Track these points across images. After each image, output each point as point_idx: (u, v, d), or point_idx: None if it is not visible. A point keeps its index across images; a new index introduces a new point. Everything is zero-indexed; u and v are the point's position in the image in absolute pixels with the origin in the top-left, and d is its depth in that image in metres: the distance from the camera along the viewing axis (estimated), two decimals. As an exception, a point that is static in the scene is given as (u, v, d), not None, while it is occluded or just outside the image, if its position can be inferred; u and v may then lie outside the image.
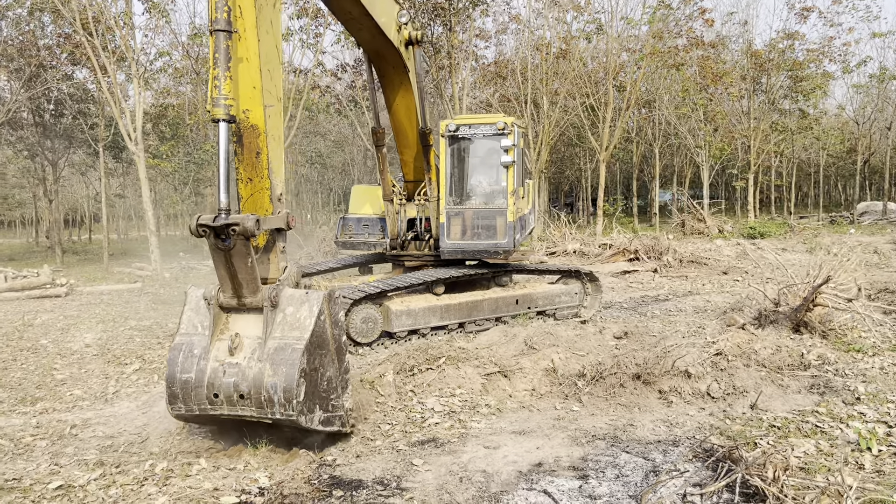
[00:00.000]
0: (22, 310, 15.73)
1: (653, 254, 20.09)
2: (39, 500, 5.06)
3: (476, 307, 11.29)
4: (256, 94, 6.08)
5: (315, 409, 5.85)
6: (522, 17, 29.71)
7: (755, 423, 6.57)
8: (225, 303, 5.97)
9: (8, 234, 73.15)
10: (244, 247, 5.62)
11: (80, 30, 19.82)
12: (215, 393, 5.72)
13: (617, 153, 44.59)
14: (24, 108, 28.78)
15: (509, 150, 10.97)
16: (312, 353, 5.80)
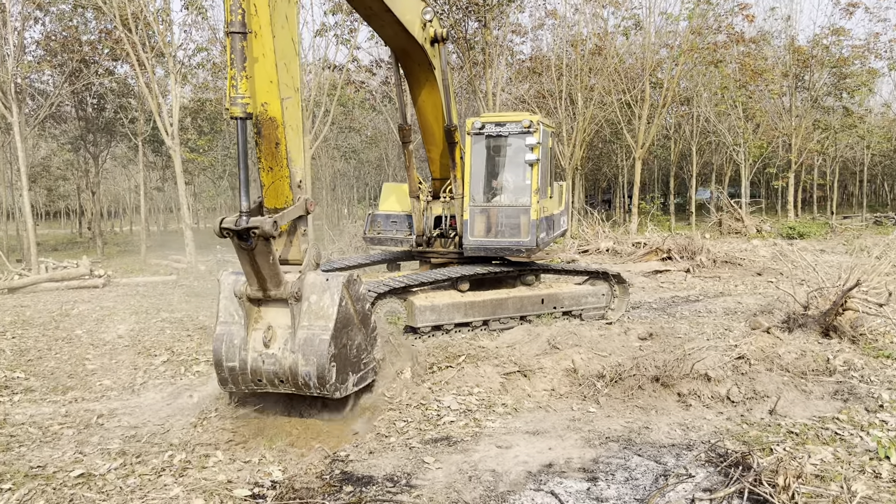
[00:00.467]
0: (61, 300, 16.18)
1: (686, 253, 19.86)
2: (60, 488, 5.22)
3: (500, 305, 11.30)
4: (273, 88, 6.24)
5: (349, 377, 6.52)
6: (559, 12, 29.50)
7: (773, 429, 6.48)
8: (253, 295, 6.42)
9: (53, 224, 75.09)
10: (265, 246, 6.05)
11: (119, 26, 20.24)
12: (259, 378, 6.41)
13: (655, 150, 44.09)
14: (67, 103, 29.53)
15: (534, 149, 10.95)
16: (339, 336, 6.33)
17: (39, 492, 5.12)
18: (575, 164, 29.12)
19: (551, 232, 12.32)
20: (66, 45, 25.35)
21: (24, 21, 23.15)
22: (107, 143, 34.06)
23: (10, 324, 13.00)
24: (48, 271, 19.20)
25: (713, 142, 39.67)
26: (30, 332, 12.18)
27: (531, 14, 37.45)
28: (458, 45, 25.98)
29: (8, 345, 11.08)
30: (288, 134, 6.41)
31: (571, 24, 29.08)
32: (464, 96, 30.24)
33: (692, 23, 27.71)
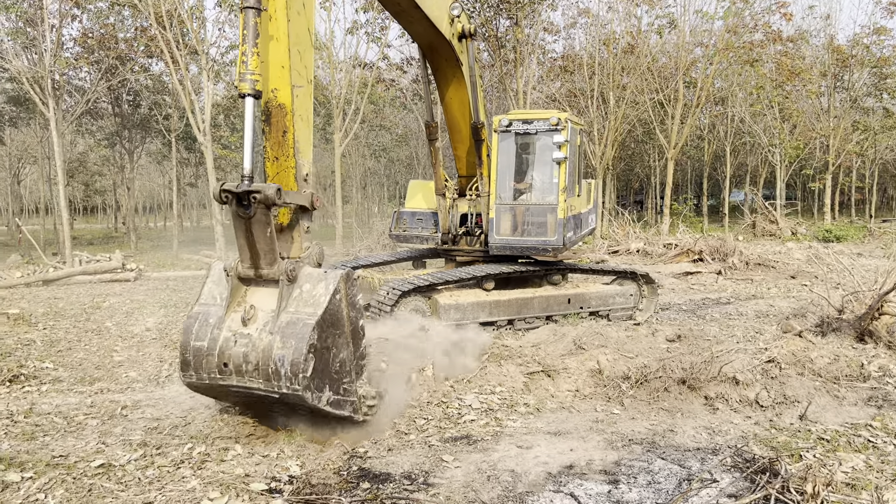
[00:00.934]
0: (93, 293, 16.43)
1: (718, 255, 19.54)
2: (80, 478, 5.25)
3: (526, 305, 11.19)
4: (285, 73, 6.15)
5: (324, 389, 5.73)
6: (592, 10, 29.22)
7: (803, 435, 6.30)
8: (243, 273, 5.94)
9: (91, 219, 76.56)
10: (264, 216, 5.62)
11: (154, 23, 20.50)
12: (225, 362, 5.67)
13: (688, 151, 43.50)
14: (103, 99, 30.01)
15: (562, 146, 10.82)
16: (324, 331, 5.70)
17: (60, 481, 5.15)
18: (606, 164, 28.82)
19: (579, 231, 12.17)
20: (103, 42, 25.76)
21: (61, 18, 23.56)
22: (141, 140, 34.57)
23: (42, 315, 13.22)
24: (82, 265, 19.52)
25: (748, 142, 39.02)
26: (61, 324, 12.37)
27: (564, 13, 37.13)
28: (488, 43, 25.87)
29: (39, 336, 11.26)
30: (297, 123, 6.27)
31: (605, 22, 28.80)
32: (494, 95, 30.12)
33: (728, 21, 27.25)
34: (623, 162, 47.67)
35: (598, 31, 28.64)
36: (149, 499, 4.89)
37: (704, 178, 38.86)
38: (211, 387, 5.87)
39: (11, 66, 20.84)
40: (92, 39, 25.89)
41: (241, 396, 5.98)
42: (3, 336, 11.08)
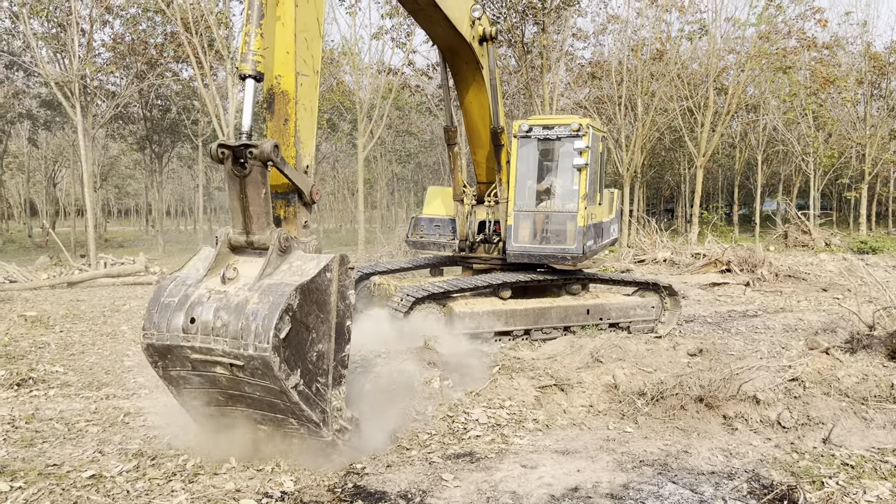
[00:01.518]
0: (114, 295, 16.49)
1: (746, 266, 19.04)
2: (69, 489, 5.12)
3: (543, 315, 10.92)
4: (289, 59, 5.98)
5: (295, 370, 5.16)
6: (622, 16, 28.83)
7: (825, 460, 5.96)
8: (234, 240, 5.64)
9: (124, 222, 77.81)
10: (260, 175, 5.39)
11: (181, 29, 20.63)
12: (193, 317, 5.18)
13: (719, 159, 42.79)
14: (134, 104, 30.35)
15: (583, 153, 10.56)
16: (306, 303, 5.25)
17: (47, 492, 5.03)
18: (633, 171, 28.38)
19: (600, 240, 11.87)
20: (134, 47, 26.03)
21: (92, 24, 23.85)
22: (171, 144, 34.91)
23: (61, 317, 13.25)
24: (106, 267, 19.66)
25: (781, 151, 38.23)
26: (78, 327, 12.38)
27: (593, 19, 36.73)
28: (514, 49, 25.63)
29: (55, 338, 11.26)
30: (300, 112, 6.09)
31: (635, 28, 28.39)
32: (521, 101, 29.85)
33: (760, 27, 26.68)
34: (653, 169, 47.05)
35: (627, 37, 28.27)
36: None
37: (736, 186, 38.13)
38: (171, 349, 5.26)
39: (42, 70, 21.09)
40: (122, 45, 26.19)
41: (202, 371, 5.33)
42: (19, 338, 11.10)
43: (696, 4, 29.03)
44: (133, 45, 25.81)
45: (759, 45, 26.69)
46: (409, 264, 13.04)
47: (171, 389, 5.65)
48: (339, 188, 45.85)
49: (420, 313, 10.08)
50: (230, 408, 5.61)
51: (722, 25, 28.09)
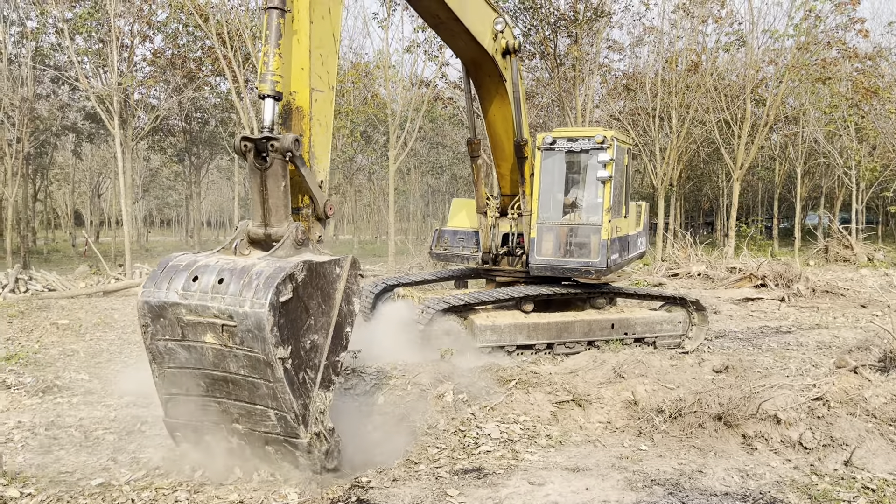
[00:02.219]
0: (147, 304, 16.75)
1: (781, 281, 18.59)
2: (77, 497, 5.19)
3: (566, 328, 10.80)
4: (304, 75, 6.09)
5: (285, 345, 5.02)
6: (658, 27, 28.54)
7: (846, 483, 5.76)
8: (252, 232, 5.75)
9: (166, 232, 79.17)
10: (280, 168, 5.58)
11: (216, 43, 21.01)
12: (196, 276, 5.15)
13: (758, 172, 42.03)
14: (174, 116, 30.97)
15: (607, 165, 10.45)
16: (311, 285, 5.26)
17: (54, 499, 5.10)
18: (668, 184, 28.00)
19: (626, 254, 11.71)
20: (173, 62, 26.60)
21: (132, 39, 24.44)
22: (209, 156, 35.52)
23: (93, 325, 13.50)
24: (140, 276, 20.00)
25: (822, 163, 37.38)
26: (108, 335, 12.60)
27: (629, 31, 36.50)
28: (547, 60, 25.54)
29: (84, 346, 11.47)
30: (314, 128, 6.22)
31: (671, 39, 28.06)
32: (555, 113, 29.72)
33: (798, 39, 26.18)
34: (691, 182, 46.40)
35: (662, 48, 27.96)
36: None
37: (775, 200, 37.36)
38: (166, 308, 5.14)
39: (82, 84, 21.65)
40: (162, 59, 26.77)
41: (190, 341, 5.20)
42: (50, 346, 11.34)
43: (733, 15, 28.54)
44: (172, 60, 26.37)
45: (798, 56, 26.19)
46: (433, 276, 13.02)
47: (153, 368, 5.49)
48: (375, 199, 46.11)
49: (441, 326, 10.05)
50: (209, 399, 5.42)
51: (759, 37, 27.64)
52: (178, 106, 27.87)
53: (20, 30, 24.98)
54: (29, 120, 25.66)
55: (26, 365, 9.92)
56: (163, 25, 26.73)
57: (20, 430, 7.14)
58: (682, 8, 27.31)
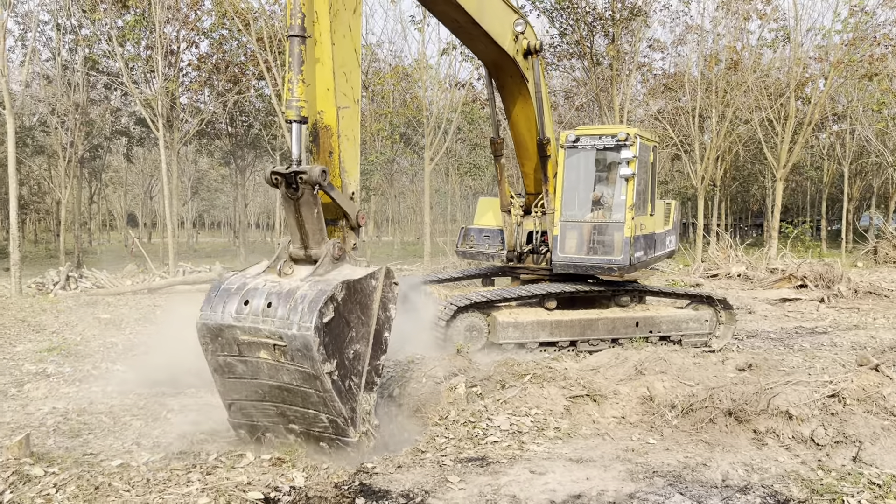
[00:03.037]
0: (188, 301, 17.26)
1: (821, 282, 18.22)
2: (96, 476, 5.46)
3: (590, 326, 10.82)
4: (330, 95, 6.32)
5: (332, 359, 5.53)
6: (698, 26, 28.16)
7: (852, 478, 5.72)
8: (294, 253, 6.19)
9: (216, 233, 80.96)
10: (311, 197, 5.89)
11: (255, 46, 21.52)
12: (247, 300, 5.68)
13: (807, 171, 41.10)
14: (220, 120, 31.75)
15: (630, 162, 10.46)
16: (350, 301, 5.72)
17: (76, 478, 5.37)
18: (708, 184, 27.61)
19: (651, 252, 11.67)
20: (217, 66, 27.29)
21: (179, 45, 25.16)
22: (254, 158, 36.28)
23: (135, 320, 13.99)
24: (184, 275, 20.62)
25: (874, 163, 36.36)
26: (147, 329, 13.05)
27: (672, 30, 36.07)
28: (584, 60, 25.46)
29: (122, 339, 11.92)
30: (343, 144, 6.47)
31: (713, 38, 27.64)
32: (594, 112, 29.57)
33: (844, 35, 25.56)
34: (737, 182, 45.59)
35: (706, 47, 27.57)
36: (146, 500, 5.03)
37: (823, 200, 36.48)
38: (223, 330, 5.72)
39: (129, 90, 22.40)
40: (208, 63, 27.48)
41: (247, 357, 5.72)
42: (91, 339, 11.82)
43: (778, 11, 27.97)
44: (217, 64, 27.06)
45: (845, 52, 25.58)
46: (460, 274, 13.17)
47: (215, 378, 6.13)
48: (417, 201, 46.46)
49: (463, 322, 10.20)
50: (266, 404, 5.96)
51: (804, 33, 27.08)
52: (222, 109, 28.59)
53: (73, 37, 25.94)
54: (82, 124, 26.65)
55: (67, 356, 10.38)
56: (209, 31, 27.46)
57: (53, 415, 7.52)
58: (725, 5, 26.94)
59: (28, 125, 31.54)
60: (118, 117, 33.09)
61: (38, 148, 34.56)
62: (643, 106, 32.01)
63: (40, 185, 41.27)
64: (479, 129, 32.94)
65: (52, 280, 18.74)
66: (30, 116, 33.04)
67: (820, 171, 39.42)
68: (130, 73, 23.88)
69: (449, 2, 8.40)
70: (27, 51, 23.57)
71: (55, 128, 26.48)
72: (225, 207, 64.46)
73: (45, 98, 27.89)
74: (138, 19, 23.80)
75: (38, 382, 8.88)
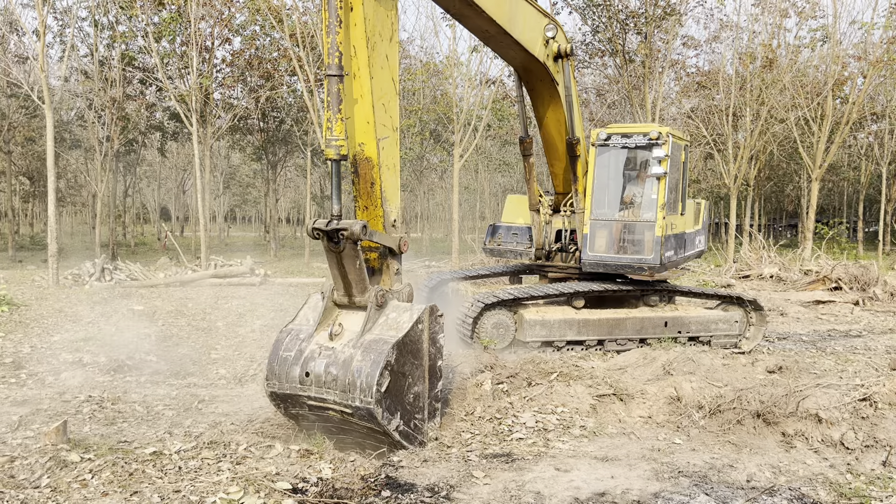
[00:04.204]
0: (219, 294, 17.54)
1: (857, 284, 17.92)
2: (130, 462, 5.60)
3: (618, 325, 10.79)
4: (370, 128, 6.34)
5: (396, 414, 5.93)
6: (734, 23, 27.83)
7: (881, 482, 5.65)
8: (338, 300, 6.41)
9: (247, 228, 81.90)
10: (353, 250, 6.03)
11: (288, 41, 21.72)
12: (307, 371, 5.98)
13: (844, 172, 40.39)
14: (252, 115, 32.11)
15: (662, 161, 10.39)
16: (402, 355, 5.96)
17: (110, 464, 5.51)
18: (741, 183, 27.25)
19: (682, 251, 11.59)
20: (251, 62, 27.60)
21: (213, 41, 25.51)
22: (285, 154, 36.62)
23: (167, 312, 14.26)
24: (215, 268, 20.92)
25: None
26: (179, 321, 13.30)
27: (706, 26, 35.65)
28: (616, 57, 25.29)
29: (155, 330, 12.15)
30: (384, 174, 6.51)
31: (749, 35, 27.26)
32: (626, 109, 29.35)
33: (887, 33, 25.06)
34: (772, 182, 44.93)
35: (742, 44, 27.22)
36: (178, 487, 5.13)
37: (860, 201, 35.83)
38: (290, 396, 6.14)
39: (164, 85, 22.75)
40: (241, 59, 27.81)
41: (317, 412, 6.16)
42: (125, 330, 12.06)
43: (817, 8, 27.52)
44: (250, 61, 27.37)
45: (885, 50, 25.08)
46: (487, 271, 13.20)
47: (291, 422, 6.54)
48: (446, 198, 46.53)
49: (490, 319, 10.23)
50: (342, 435, 6.33)
51: (842, 28, 26.60)
52: (254, 105, 28.90)
53: (111, 33, 26.42)
54: (118, 119, 27.15)
55: (102, 346, 10.61)
56: (242, 28, 27.78)
57: (89, 403, 7.71)
58: (761, 1, 26.56)
59: (66, 119, 32.20)
60: (153, 112, 33.62)
61: (76, 142, 35.29)
62: (676, 104, 31.68)
63: (77, 178, 42.16)
64: (509, 125, 32.88)
65: (88, 272, 19.14)
66: (68, 111, 33.74)
67: (857, 171, 38.72)
68: (165, 69, 24.26)
69: (481, 15, 8.32)
70: (66, 47, 24.09)
71: (92, 122, 27.00)
72: (256, 202, 65.14)
73: (82, 93, 28.45)
74: (174, 16, 24.16)
75: (74, 371, 9.11)
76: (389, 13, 6.52)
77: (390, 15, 6.54)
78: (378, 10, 6.33)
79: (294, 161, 42.36)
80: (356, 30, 6.14)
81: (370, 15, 6.18)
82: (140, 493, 5.04)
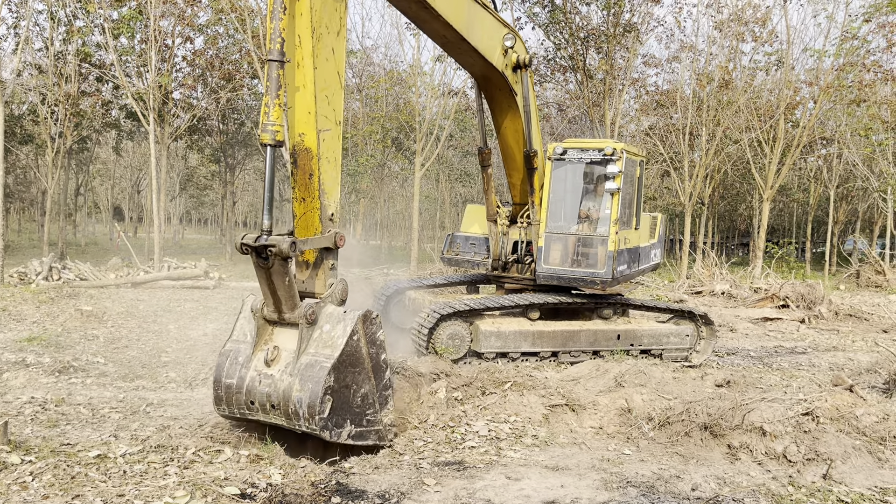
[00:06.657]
0: (172, 297, 17.24)
1: (803, 302, 18.41)
2: (72, 466, 5.46)
3: (572, 338, 10.91)
4: (311, 118, 6.28)
5: (344, 425, 6.01)
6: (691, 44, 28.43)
7: (821, 495, 5.81)
8: (268, 316, 6.29)
9: (202, 230, 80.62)
10: (282, 266, 5.97)
11: (251, 45, 21.53)
12: (252, 400, 6.06)
13: (794, 194, 41.51)
14: (211, 117, 31.68)
15: (616, 177, 10.56)
16: (342, 371, 5.96)
17: (52, 467, 5.37)
18: (696, 201, 27.83)
19: (635, 265, 11.78)
20: (211, 63, 27.25)
21: (173, 39, 25.13)
22: (244, 157, 36.22)
23: (117, 314, 13.95)
24: (168, 270, 20.56)
25: (860, 187, 36.78)
26: (129, 323, 13.03)
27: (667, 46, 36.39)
28: (576, 73, 25.65)
29: (104, 332, 11.90)
30: (323, 166, 6.44)
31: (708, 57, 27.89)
32: (586, 125, 29.77)
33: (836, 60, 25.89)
34: (725, 201, 45.94)
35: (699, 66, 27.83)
36: (122, 491, 5.02)
37: (808, 222, 36.88)
38: (242, 418, 6.30)
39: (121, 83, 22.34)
40: (202, 59, 27.43)
41: (271, 426, 6.28)
42: (72, 330, 11.78)
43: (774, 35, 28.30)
44: (211, 61, 27.03)
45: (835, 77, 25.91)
46: (445, 280, 13.22)
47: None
48: (406, 206, 46.53)
49: (446, 330, 10.24)
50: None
51: (797, 55, 27.41)
52: (214, 106, 28.52)
53: (67, 28, 25.83)
54: (72, 115, 26.52)
55: (47, 346, 10.35)
56: (204, 27, 27.41)
57: (32, 405, 7.51)
58: (720, 25, 27.22)
59: (17, 114, 31.35)
60: (108, 110, 32.93)
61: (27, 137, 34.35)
62: (635, 121, 32.24)
63: (26, 174, 41.02)
64: (470, 136, 33.05)
65: (35, 270, 18.63)
66: (19, 105, 32.84)
67: (807, 193, 39.84)
68: (123, 66, 23.82)
69: (437, 19, 8.34)
70: (20, 40, 23.48)
71: (44, 118, 26.33)
72: (213, 204, 64.18)
73: (35, 87, 27.74)
74: (133, 13, 23.75)
75: (17, 372, 8.86)
76: (338, 6, 6.52)
77: (339, 9, 6.53)
78: (326, 2, 6.32)
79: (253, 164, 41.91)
80: (302, 19, 6.12)
81: (317, 6, 6.17)
82: (82, 496, 4.92)
